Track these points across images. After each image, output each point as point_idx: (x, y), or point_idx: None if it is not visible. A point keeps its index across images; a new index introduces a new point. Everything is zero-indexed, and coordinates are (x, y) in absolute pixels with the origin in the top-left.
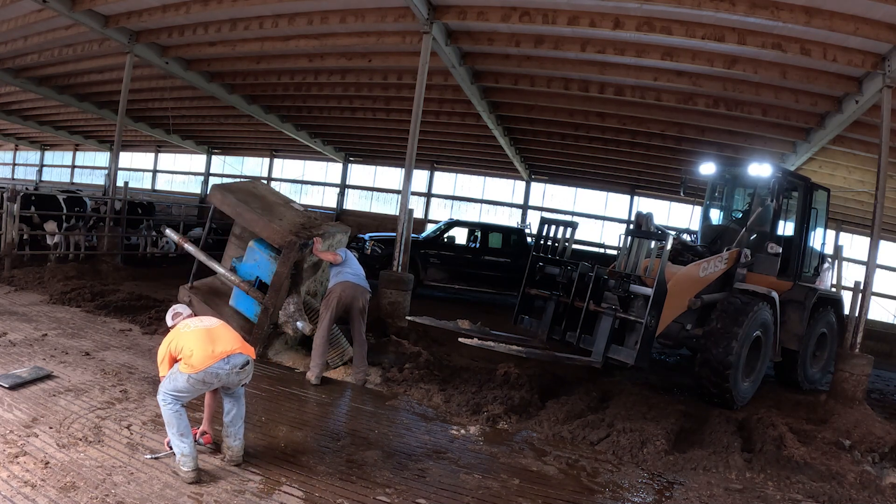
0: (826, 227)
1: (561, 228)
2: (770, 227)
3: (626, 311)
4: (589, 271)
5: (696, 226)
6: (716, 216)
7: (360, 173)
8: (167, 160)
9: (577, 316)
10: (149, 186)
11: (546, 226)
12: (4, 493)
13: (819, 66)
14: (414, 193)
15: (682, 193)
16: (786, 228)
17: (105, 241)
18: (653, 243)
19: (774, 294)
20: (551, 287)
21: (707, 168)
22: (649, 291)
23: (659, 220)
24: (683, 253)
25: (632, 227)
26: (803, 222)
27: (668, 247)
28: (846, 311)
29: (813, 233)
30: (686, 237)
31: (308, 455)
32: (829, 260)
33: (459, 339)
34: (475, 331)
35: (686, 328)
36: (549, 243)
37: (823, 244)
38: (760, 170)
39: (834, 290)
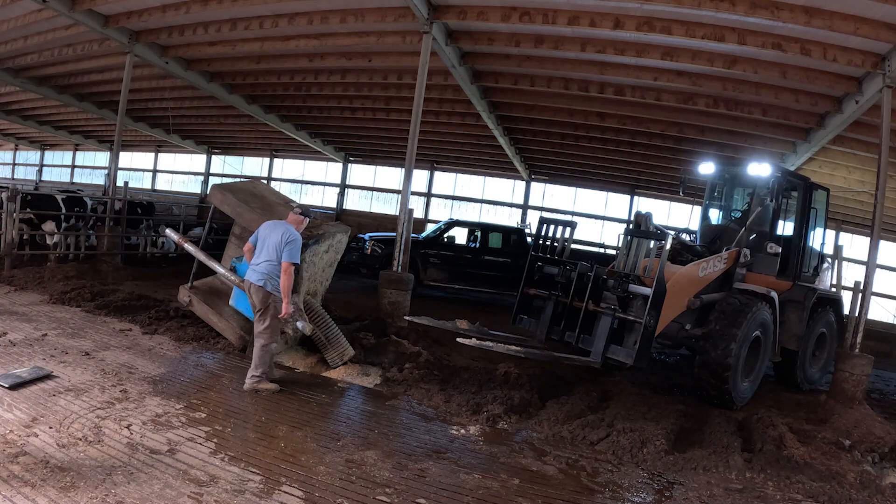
0: (826, 227)
1: (560, 228)
2: (769, 226)
3: (625, 311)
4: (588, 271)
5: (695, 226)
6: (715, 216)
7: (360, 173)
8: (167, 160)
9: (576, 316)
10: (149, 186)
11: (545, 225)
12: (4, 493)
13: (819, 66)
14: (414, 193)
15: (681, 193)
16: (785, 228)
17: (105, 241)
18: (652, 243)
19: (774, 294)
20: (550, 287)
21: (706, 168)
22: (648, 291)
23: (658, 220)
24: (683, 253)
25: (631, 226)
26: (803, 222)
27: (668, 246)
28: (846, 311)
29: (812, 233)
30: (685, 237)
31: (308, 455)
32: (829, 260)
33: (457, 339)
34: (474, 331)
35: (685, 328)
36: (549, 243)
37: (823, 244)
38: (760, 169)
39: (834, 290)
